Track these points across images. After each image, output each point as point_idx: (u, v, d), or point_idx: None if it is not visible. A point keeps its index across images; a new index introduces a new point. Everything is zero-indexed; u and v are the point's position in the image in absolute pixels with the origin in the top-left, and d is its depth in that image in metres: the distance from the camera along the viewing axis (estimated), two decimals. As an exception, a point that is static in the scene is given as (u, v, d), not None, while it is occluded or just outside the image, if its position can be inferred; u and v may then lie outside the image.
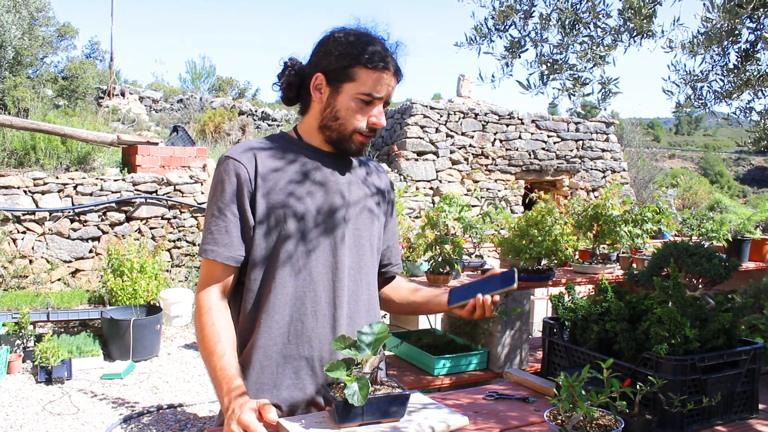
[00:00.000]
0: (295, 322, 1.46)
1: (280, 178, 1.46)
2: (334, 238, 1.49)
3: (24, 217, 6.44)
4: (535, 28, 1.94)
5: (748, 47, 1.93)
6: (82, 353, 5.11)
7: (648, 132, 37.96)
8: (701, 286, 1.91)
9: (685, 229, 3.89)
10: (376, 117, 1.47)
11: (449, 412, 1.36)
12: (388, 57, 1.46)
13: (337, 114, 1.47)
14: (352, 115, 1.46)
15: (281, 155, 1.50)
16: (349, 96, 1.45)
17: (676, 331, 1.44)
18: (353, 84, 1.45)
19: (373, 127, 1.48)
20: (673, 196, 13.12)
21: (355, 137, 1.48)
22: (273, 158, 1.48)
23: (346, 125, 1.47)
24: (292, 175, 1.48)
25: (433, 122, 9.85)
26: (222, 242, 1.44)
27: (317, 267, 1.47)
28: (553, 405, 1.32)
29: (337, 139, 1.49)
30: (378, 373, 1.36)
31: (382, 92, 1.46)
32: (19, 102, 9.85)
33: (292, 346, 1.46)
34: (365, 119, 1.47)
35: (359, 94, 1.45)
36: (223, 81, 18.18)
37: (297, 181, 1.47)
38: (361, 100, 1.45)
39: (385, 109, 1.52)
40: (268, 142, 1.53)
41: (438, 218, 3.04)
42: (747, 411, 1.54)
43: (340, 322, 1.49)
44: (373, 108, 1.47)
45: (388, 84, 1.47)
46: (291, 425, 1.30)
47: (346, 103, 1.46)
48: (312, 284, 1.47)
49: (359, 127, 1.47)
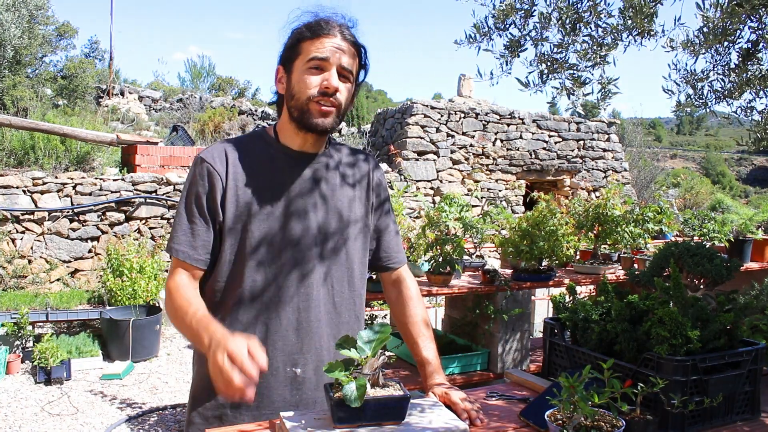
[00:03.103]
0: (260, 325, 1.50)
1: (249, 182, 1.49)
2: (301, 244, 1.50)
3: (23, 216, 6.44)
4: (535, 27, 1.93)
5: (749, 47, 1.92)
6: (82, 353, 5.10)
7: (649, 132, 37.98)
8: (703, 287, 1.90)
9: (687, 229, 3.88)
10: (327, 80, 1.45)
11: (451, 417, 1.35)
12: (331, 23, 1.47)
13: (292, 91, 1.49)
14: (302, 86, 1.46)
15: (253, 157, 1.52)
16: (299, 71, 1.47)
17: (678, 332, 1.43)
18: (300, 58, 1.47)
19: (325, 92, 1.45)
20: (674, 196, 13.12)
21: (312, 107, 1.46)
22: (245, 160, 1.51)
23: (300, 96, 1.47)
24: (262, 178, 1.50)
25: (433, 122, 9.84)
26: (188, 243, 1.47)
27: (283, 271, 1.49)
28: (554, 405, 1.31)
29: (298, 116, 1.49)
30: (379, 375, 1.35)
31: (325, 53, 1.44)
32: (18, 101, 9.85)
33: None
34: (318, 86, 1.46)
35: (306, 63, 1.46)
36: (222, 80, 18.18)
37: (265, 185, 1.50)
38: (309, 68, 1.46)
39: (347, 83, 1.49)
40: (243, 143, 1.55)
41: (438, 218, 3.03)
42: (749, 412, 1.53)
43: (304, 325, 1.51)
44: (325, 73, 1.46)
45: (335, 47, 1.46)
46: (291, 424, 1.29)
47: (299, 77, 1.47)
48: (278, 292, 1.49)
49: (311, 94, 1.45)
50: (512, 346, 3.13)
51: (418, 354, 1.65)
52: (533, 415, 1.45)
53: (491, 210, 3.45)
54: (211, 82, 17.85)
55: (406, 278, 1.73)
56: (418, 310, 1.68)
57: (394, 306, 1.73)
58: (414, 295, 1.70)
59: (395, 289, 1.72)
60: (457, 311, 3.36)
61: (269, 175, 1.51)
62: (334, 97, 1.46)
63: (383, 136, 10.55)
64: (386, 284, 1.75)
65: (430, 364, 1.62)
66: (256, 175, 1.50)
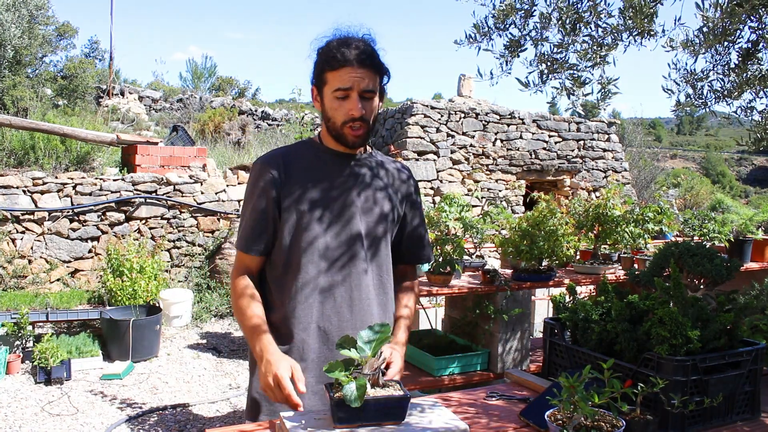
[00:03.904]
0: (317, 304, 1.69)
1: (303, 178, 1.71)
2: (350, 227, 1.71)
3: (23, 217, 6.43)
4: (535, 27, 1.93)
5: (749, 46, 1.92)
6: (82, 354, 5.10)
7: (649, 132, 37.97)
8: (703, 287, 1.90)
9: (687, 229, 3.88)
10: (350, 107, 1.65)
11: (451, 418, 1.35)
12: (348, 53, 1.63)
13: (327, 114, 1.70)
14: (335, 112, 1.68)
15: (304, 158, 1.75)
16: (329, 98, 1.68)
17: (678, 332, 1.43)
18: (327, 87, 1.68)
19: (352, 117, 1.65)
20: (674, 196, 13.11)
21: (346, 131, 1.68)
22: (297, 161, 1.74)
23: (335, 121, 1.69)
24: (312, 174, 1.72)
25: (433, 122, 9.84)
26: (251, 237, 1.71)
27: (335, 255, 1.69)
28: (554, 405, 1.31)
29: (335, 135, 1.72)
30: (380, 375, 1.35)
31: (348, 83, 1.63)
32: (18, 101, 9.85)
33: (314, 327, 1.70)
34: (346, 115, 1.66)
35: (333, 93, 1.66)
36: (223, 80, 18.18)
37: (316, 180, 1.72)
38: (336, 98, 1.66)
39: (371, 99, 1.68)
40: (294, 148, 1.79)
41: (439, 218, 3.03)
42: (749, 412, 1.53)
43: (356, 303, 1.70)
44: (350, 100, 1.65)
45: (355, 75, 1.63)
46: (291, 424, 1.29)
47: (329, 103, 1.68)
48: (331, 276, 1.69)
49: (342, 121, 1.67)
50: (512, 346, 3.13)
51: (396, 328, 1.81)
52: (533, 415, 1.45)
53: (491, 210, 3.45)
54: (212, 82, 17.86)
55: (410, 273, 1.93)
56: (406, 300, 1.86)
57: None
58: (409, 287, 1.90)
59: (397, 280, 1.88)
60: (457, 311, 3.36)
61: (319, 172, 1.73)
62: (361, 119, 1.66)
63: (383, 136, 10.55)
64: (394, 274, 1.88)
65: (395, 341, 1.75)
66: (308, 174, 1.72)
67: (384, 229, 1.77)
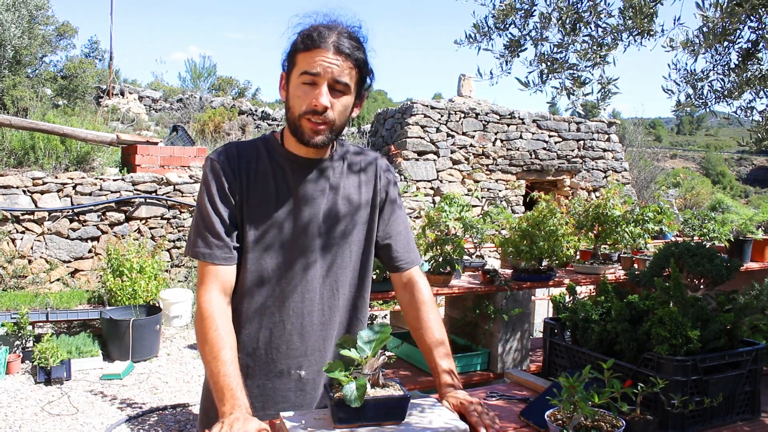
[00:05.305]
0: (264, 331, 1.52)
1: (255, 185, 1.49)
2: (304, 246, 1.51)
3: (23, 216, 6.43)
4: (535, 27, 1.93)
5: (749, 46, 1.92)
6: (82, 353, 5.10)
7: (650, 132, 37.94)
8: (703, 287, 1.90)
9: (687, 229, 3.88)
10: (315, 97, 1.40)
11: (451, 417, 1.35)
12: (326, 35, 1.40)
13: (288, 104, 1.46)
14: (296, 101, 1.43)
15: (258, 161, 1.51)
16: (294, 83, 1.44)
17: (678, 332, 1.43)
18: (295, 69, 1.43)
19: (314, 110, 1.41)
20: (674, 196, 13.12)
21: (304, 123, 1.43)
22: (250, 163, 1.50)
23: (293, 111, 1.44)
24: (266, 182, 1.50)
25: (433, 122, 9.84)
26: (214, 244, 1.46)
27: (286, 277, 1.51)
28: (554, 405, 1.31)
29: (293, 131, 1.47)
30: (379, 375, 1.35)
31: (316, 68, 1.39)
32: (18, 101, 9.85)
33: (262, 353, 1.53)
34: (307, 104, 1.42)
35: (299, 76, 1.42)
36: (223, 80, 18.17)
37: (269, 190, 1.50)
38: (303, 83, 1.41)
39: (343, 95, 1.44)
40: (249, 147, 1.54)
41: (438, 218, 3.03)
42: (749, 412, 1.53)
43: (308, 329, 1.53)
44: (316, 89, 1.41)
45: (327, 60, 1.39)
46: (291, 424, 1.29)
47: (293, 90, 1.44)
48: (282, 294, 1.51)
49: (301, 111, 1.42)
50: (512, 346, 3.13)
51: (432, 362, 1.59)
52: (533, 415, 1.45)
53: (491, 210, 3.45)
54: (212, 82, 17.85)
55: (419, 281, 1.67)
56: (432, 315, 1.62)
57: (406, 311, 1.68)
58: (426, 299, 1.65)
59: (407, 292, 1.66)
60: (457, 311, 3.36)
61: (275, 179, 1.50)
62: (325, 114, 1.42)
63: (383, 136, 10.55)
64: (397, 287, 1.69)
65: (444, 373, 1.55)
66: (262, 179, 1.50)
67: (349, 251, 1.57)
